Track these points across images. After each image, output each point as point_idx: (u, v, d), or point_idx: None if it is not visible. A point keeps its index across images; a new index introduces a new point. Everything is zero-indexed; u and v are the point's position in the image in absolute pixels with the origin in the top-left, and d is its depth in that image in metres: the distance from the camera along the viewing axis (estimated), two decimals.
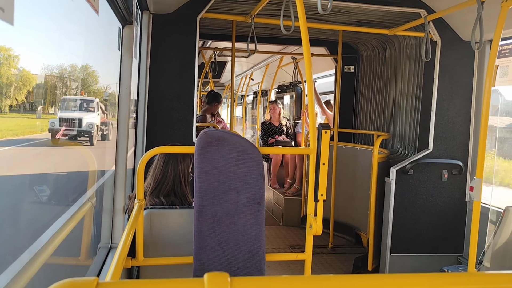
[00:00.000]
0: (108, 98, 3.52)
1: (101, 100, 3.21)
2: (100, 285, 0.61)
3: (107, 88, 3.37)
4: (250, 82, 10.54)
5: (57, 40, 1.93)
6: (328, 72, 7.30)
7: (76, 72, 2.30)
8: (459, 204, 4.16)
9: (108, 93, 3.39)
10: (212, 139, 2.03)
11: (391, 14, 4.10)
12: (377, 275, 0.66)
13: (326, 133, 2.00)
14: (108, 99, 3.50)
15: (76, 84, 2.51)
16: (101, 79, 3.26)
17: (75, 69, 2.29)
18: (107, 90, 3.45)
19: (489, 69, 2.63)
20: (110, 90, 3.32)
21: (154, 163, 2.48)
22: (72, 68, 2.21)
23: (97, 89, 3.01)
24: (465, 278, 0.70)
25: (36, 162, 2.65)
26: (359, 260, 4.43)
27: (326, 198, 2.02)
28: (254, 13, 3.75)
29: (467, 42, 3.93)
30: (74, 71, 2.31)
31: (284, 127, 7.37)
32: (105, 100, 3.55)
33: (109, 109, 5.96)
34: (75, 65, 2.21)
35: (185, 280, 0.62)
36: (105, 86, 3.35)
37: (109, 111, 6.45)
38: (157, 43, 3.54)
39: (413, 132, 4.55)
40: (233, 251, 2.07)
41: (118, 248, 1.45)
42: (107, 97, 3.20)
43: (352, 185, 5.29)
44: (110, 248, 2.42)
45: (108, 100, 3.54)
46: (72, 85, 2.44)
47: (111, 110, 3.82)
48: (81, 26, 2.27)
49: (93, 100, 6.89)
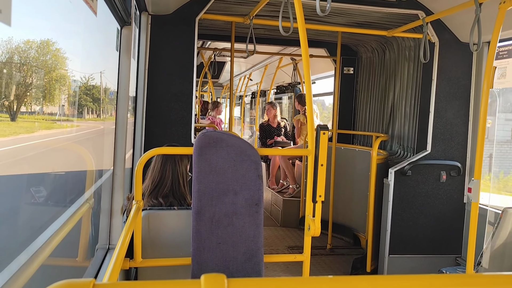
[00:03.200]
0: (87, 92, 2.71)
1: (70, 93, 2.36)
2: (96, 286, 0.60)
3: (89, 78, 2.67)
4: (249, 82, 10.54)
5: (55, 41, 1.90)
6: (326, 73, 7.31)
7: (32, 52, 1.64)
8: (457, 205, 4.17)
9: (79, 85, 2.50)
10: (210, 140, 2.03)
11: (390, 15, 4.11)
12: (376, 276, 0.65)
13: (325, 134, 2.00)
14: (88, 93, 2.72)
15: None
16: (84, 68, 2.61)
17: (30, 47, 1.60)
18: (90, 82, 2.70)
19: (487, 71, 2.63)
20: (94, 82, 2.75)
21: (152, 164, 2.47)
22: (26, 46, 1.57)
23: (61, 75, 2.13)
24: (463, 280, 0.70)
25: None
26: (357, 262, 4.43)
27: (325, 200, 2.02)
28: (253, 14, 3.76)
29: (465, 43, 3.94)
30: (29, 49, 1.62)
31: (282, 128, 7.38)
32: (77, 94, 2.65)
33: (90, 107, 4.34)
34: (32, 41, 1.60)
35: (182, 282, 0.62)
36: (87, 76, 2.62)
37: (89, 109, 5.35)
38: (156, 44, 3.54)
39: (412, 134, 4.56)
40: (231, 252, 2.06)
41: (116, 249, 1.45)
42: (77, 89, 2.40)
43: (351, 186, 5.30)
44: (108, 249, 2.42)
45: (89, 94, 2.70)
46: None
47: (94, 108, 3.02)
48: (79, 27, 2.26)
49: None
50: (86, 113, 2.81)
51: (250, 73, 9.95)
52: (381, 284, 0.67)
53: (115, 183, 2.43)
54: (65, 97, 2.25)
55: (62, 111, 2.23)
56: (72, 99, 2.39)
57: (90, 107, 2.92)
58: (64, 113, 2.27)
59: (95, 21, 2.12)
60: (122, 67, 2.46)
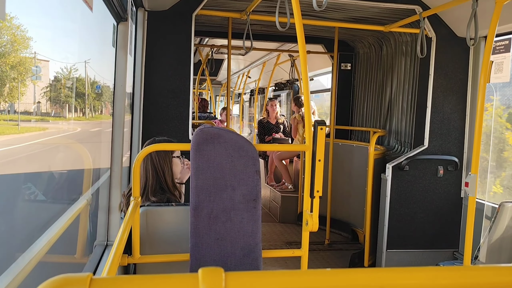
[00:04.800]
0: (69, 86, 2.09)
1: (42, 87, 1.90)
2: (94, 280, 0.60)
3: (71, 69, 2.12)
4: (247, 79, 10.52)
5: (51, 37, 1.87)
6: (324, 70, 7.30)
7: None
8: (455, 200, 4.18)
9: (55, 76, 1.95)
10: (208, 136, 2.03)
11: (387, 10, 4.11)
12: (373, 268, 0.66)
13: (322, 130, 2.00)
14: (70, 87, 2.14)
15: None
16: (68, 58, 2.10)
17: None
18: (72, 73, 2.14)
19: (484, 65, 2.64)
20: (78, 74, 2.19)
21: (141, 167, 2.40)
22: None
23: (21, 60, 1.57)
24: (460, 272, 0.70)
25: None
26: (355, 256, 4.45)
27: (323, 195, 2.02)
28: (249, 10, 3.74)
29: (462, 38, 3.94)
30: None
31: (281, 125, 7.37)
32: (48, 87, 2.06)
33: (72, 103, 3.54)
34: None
35: (180, 276, 0.62)
36: (68, 67, 2.04)
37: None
38: (153, 40, 3.52)
39: (409, 129, 4.57)
40: (229, 247, 2.07)
41: (113, 245, 1.45)
42: (38, 77, 1.80)
43: (348, 182, 5.31)
44: (106, 246, 2.42)
45: (72, 89, 2.19)
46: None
47: (77, 105, 2.35)
48: (75, 23, 2.24)
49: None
50: (68, 111, 2.30)
51: (248, 71, 9.93)
52: (378, 276, 0.67)
53: (112, 180, 2.43)
54: (37, 92, 1.77)
55: (34, 109, 1.77)
56: (49, 94, 1.93)
57: (72, 103, 2.37)
58: (39, 112, 1.82)
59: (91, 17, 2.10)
60: (119, 64, 2.45)
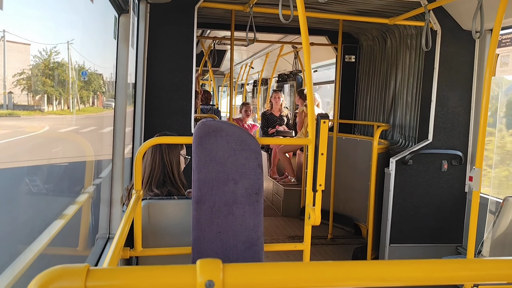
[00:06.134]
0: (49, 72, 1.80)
1: None
2: (91, 271, 0.60)
3: (52, 52, 1.80)
4: (250, 70, 10.48)
5: (54, 28, 1.84)
6: (328, 61, 7.25)
7: None
8: (459, 194, 4.16)
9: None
10: (210, 129, 2.02)
11: (391, 3, 4.06)
12: (375, 261, 0.65)
13: (325, 123, 1.98)
14: (51, 74, 1.85)
15: None
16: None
17: None
18: (52, 56, 1.81)
19: (490, 59, 2.60)
20: (59, 58, 1.88)
21: (145, 157, 2.42)
22: None
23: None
24: (464, 265, 0.69)
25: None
26: (358, 251, 4.44)
27: (326, 189, 2.01)
28: (252, 2, 3.72)
29: (468, 31, 3.89)
30: None
31: (285, 117, 7.33)
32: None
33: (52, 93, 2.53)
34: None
35: (178, 267, 0.61)
36: (49, 49, 1.74)
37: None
38: (155, 32, 3.50)
39: (413, 123, 4.54)
40: (231, 241, 2.06)
41: (115, 238, 1.45)
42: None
43: (352, 176, 5.29)
44: (108, 239, 2.42)
45: (52, 76, 1.90)
46: None
47: (57, 95, 2.01)
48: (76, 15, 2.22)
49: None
50: (48, 103, 1.94)
51: (251, 61, 9.88)
52: (380, 269, 0.66)
53: (114, 173, 2.43)
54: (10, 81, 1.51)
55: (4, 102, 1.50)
56: (23, 83, 1.64)
57: (52, 93, 1.95)
58: (11, 105, 1.56)
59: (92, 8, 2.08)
60: (120, 56, 2.43)
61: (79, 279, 0.58)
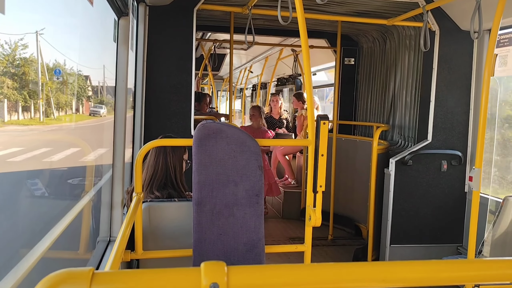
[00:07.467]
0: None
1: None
2: (95, 274, 0.60)
3: (17, 45, 1.49)
4: (249, 74, 10.48)
5: (51, 33, 1.82)
6: (328, 64, 7.26)
7: None
8: (459, 194, 4.17)
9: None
10: (210, 131, 2.02)
11: (390, 4, 4.07)
12: (376, 262, 0.65)
13: (325, 124, 1.99)
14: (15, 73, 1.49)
15: None
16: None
17: None
18: (18, 51, 1.47)
19: (488, 59, 2.61)
20: (27, 53, 1.54)
21: (147, 159, 2.43)
22: None
23: None
24: (465, 265, 0.70)
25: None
26: (359, 252, 4.44)
27: (326, 191, 2.01)
28: (251, 4, 3.72)
29: (466, 31, 3.90)
30: None
31: (284, 120, 7.34)
32: None
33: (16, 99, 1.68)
34: None
35: (182, 270, 0.62)
36: (12, 41, 1.40)
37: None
38: (154, 35, 3.51)
39: (413, 123, 4.55)
40: (232, 243, 2.06)
41: (116, 241, 1.45)
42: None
43: (352, 177, 5.29)
44: (109, 242, 2.42)
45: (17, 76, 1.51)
46: None
47: (23, 100, 1.53)
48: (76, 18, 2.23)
49: None
50: (12, 111, 1.56)
51: (250, 65, 9.89)
52: (382, 270, 0.66)
53: (115, 175, 2.43)
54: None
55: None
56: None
57: (16, 99, 1.56)
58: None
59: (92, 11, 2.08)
60: (120, 59, 2.44)
61: (84, 282, 0.58)
